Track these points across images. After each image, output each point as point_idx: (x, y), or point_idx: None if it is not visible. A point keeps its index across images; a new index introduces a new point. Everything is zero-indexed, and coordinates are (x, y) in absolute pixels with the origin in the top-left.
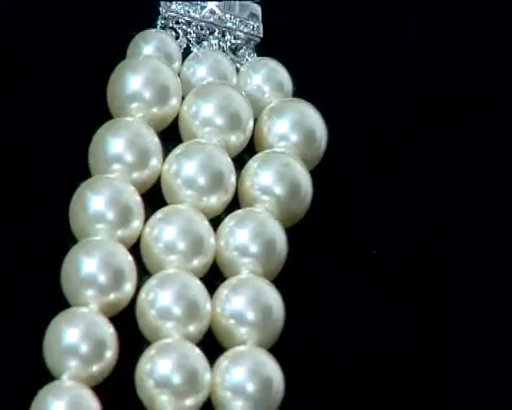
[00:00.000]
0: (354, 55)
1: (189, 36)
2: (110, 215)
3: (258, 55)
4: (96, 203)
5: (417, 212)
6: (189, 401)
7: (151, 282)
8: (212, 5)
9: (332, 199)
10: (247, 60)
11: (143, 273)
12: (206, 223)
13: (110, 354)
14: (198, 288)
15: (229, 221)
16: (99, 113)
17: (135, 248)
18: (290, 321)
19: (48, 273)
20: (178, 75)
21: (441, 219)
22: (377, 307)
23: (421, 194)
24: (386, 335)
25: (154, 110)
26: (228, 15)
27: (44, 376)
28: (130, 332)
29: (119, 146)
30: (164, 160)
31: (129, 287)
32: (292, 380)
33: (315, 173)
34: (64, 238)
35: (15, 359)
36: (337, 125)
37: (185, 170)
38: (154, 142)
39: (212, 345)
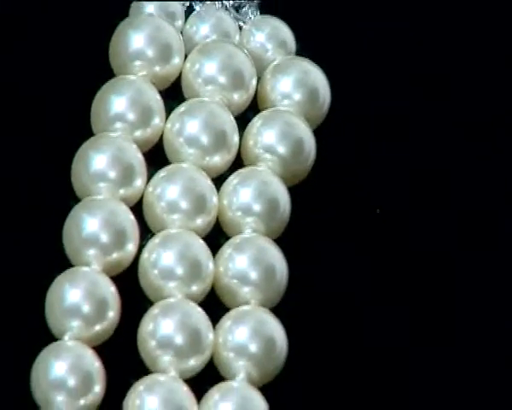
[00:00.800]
0: (358, 14)
1: None
2: (112, 174)
3: (261, 14)
4: (98, 162)
5: (420, 172)
6: (192, 362)
7: (154, 241)
8: None
9: (335, 158)
10: (249, 18)
11: (146, 233)
12: (209, 182)
13: (112, 313)
14: (201, 247)
15: (232, 180)
16: (102, 71)
17: (137, 208)
18: (292, 281)
19: (50, 233)
20: (181, 33)
21: (443, 180)
22: (377, 269)
23: (422, 154)
24: (387, 296)
25: (157, 68)
26: None
27: (46, 336)
28: (133, 292)
29: (122, 104)
30: (166, 118)
31: (131, 246)
32: (294, 340)
33: (318, 132)
34: (66, 197)
35: (17, 319)
36: (340, 84)
37: (188, 128)
38: (156, 100)
39: (215, 305)
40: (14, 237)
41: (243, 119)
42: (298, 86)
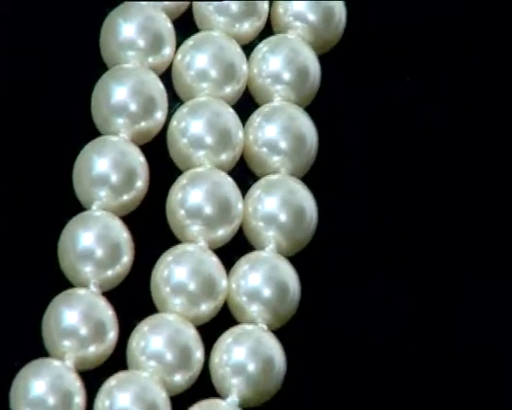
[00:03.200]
0: None
1: None
2: (141, 42)
3: None
4: (126, 30)
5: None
6: (221, 231)
7: (182, 110)
8: None
9: (366, 25)
10: None
11: (174, 101)
12: (239, 49)
13: (141, 183)
14: (230, 115)
15: (261, 47)
16: None
17: (166, 76)
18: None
19: (76, 103)
20: None
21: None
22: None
23: None
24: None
25: None
26: None
27: (74, 207)
28: (162, 161)
29: None
30: None
31: (160, 115)
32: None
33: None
34: (95, 66)
35: (44, 187)
36: None
37: None
38: None
39: (245, 174)
40: (40, 105)
41: None
42: None
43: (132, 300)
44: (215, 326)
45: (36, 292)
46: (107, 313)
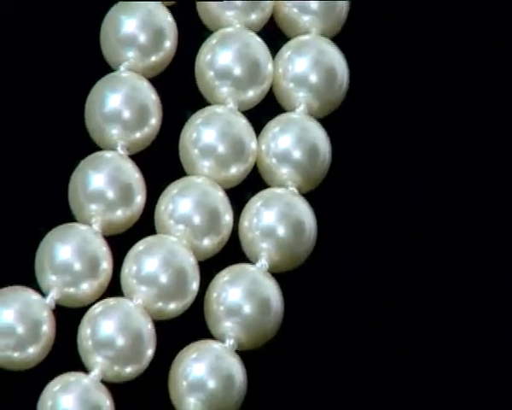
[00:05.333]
0: None
1: None
2: None
3: None
4: None
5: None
6: (251, 93)
7: None
8: None
9: None
10: None
11: None
12: None
13: (169, 43)
14: None
15: None
16: None
17: None
18: None
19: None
20: None
21: None
22: None
23: None
24: None
25: None
26: None
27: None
28: (191, 21)
29: None
30: None
31: None
32: None
33: None
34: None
35: (72, 49)
36: None
37: None
38: None
39: (275, 35)
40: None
41: None
42: None
43: (160, 163)
44: (245, 190)
45: (63, 155)
46: (134, 175)
